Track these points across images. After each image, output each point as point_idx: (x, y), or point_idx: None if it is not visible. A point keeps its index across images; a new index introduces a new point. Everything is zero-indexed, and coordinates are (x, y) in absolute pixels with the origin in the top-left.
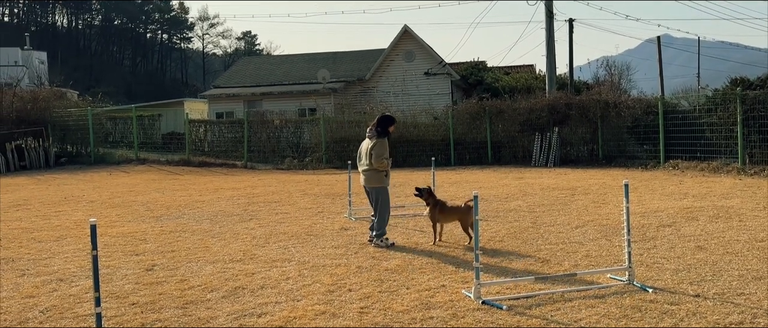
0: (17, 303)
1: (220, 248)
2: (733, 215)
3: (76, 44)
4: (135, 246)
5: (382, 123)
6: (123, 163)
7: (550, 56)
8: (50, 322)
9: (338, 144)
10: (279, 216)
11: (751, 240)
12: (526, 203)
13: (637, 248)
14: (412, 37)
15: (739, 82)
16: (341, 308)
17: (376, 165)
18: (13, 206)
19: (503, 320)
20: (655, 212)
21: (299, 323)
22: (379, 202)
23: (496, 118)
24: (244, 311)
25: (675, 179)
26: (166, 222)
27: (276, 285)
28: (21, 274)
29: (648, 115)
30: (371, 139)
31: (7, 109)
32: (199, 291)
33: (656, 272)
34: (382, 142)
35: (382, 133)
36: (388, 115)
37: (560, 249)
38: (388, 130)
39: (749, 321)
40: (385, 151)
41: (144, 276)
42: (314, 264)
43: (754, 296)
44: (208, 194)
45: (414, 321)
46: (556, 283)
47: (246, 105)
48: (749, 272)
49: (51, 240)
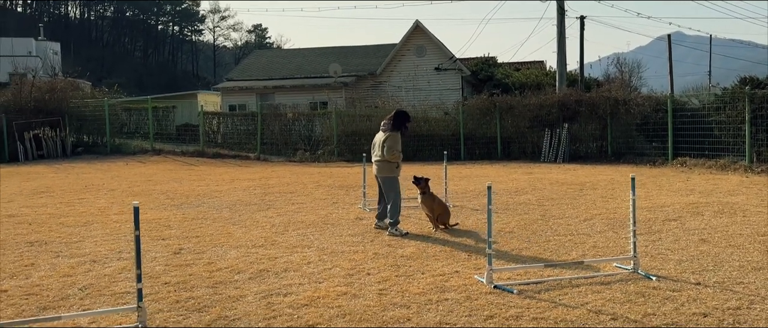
0: (56, 282)
1: (242, 235)
2: (738, 211)
3: (88, 35)
4: (160, 232)
5: (397, 118)
6: (138, 153)
7: (560, 53)
8: (90, 299)
9: (349, 137)
10: (295, 206)
11: (754, 234)
12: (536, 196)
13: (643, 240)
14: (424, 32)
15: (748, 81)
16: (361, 289)
17: (389, 157)
18: (36, 193)
19: (514, 302)
20: (661, 207)
21: (323, 302)
22: (391, 190)
23: (506, 113)
24: (271, 291)
25: (682, 176)
26: (187, 210)
27: (298, 268)
28: (55, 255)
29: (657, 113)
30: (385, 132)
31: (26, 99)
32: (227, 273)
33: (660, 262)
34: (395, 136)
35: (396, 127)
36: (404, 111)
37: (569, 240)
38: (404, 125)
39: (746, 307)
40: (397, 144)
41: (173, 259)
42: (333, 250)
43: (753, 284)
44: (225, 184)
45: (430, 302)
46: (564, 270)
47: (259, 98)
48: (749, 264)
49: (78, 225)
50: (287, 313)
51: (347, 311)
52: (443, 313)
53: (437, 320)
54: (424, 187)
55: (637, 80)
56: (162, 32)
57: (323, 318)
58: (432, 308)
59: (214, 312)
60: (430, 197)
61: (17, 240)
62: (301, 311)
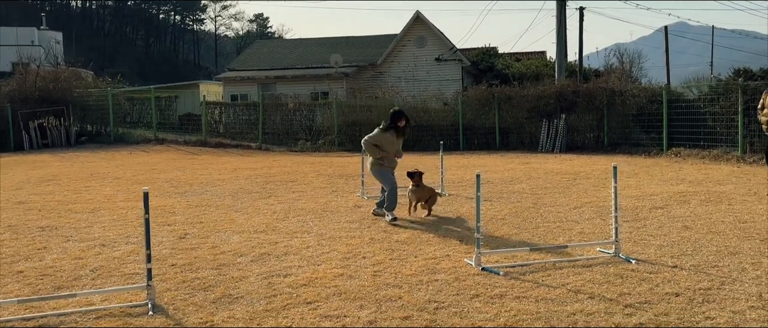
0: (68, 264)
1: (244, 221)
2: (724, 200)
3: (89, 24)
4: (165, 218)
5: (390, 117)
6: (142, 142)
7: (559, 43)
8: (101, 279)
9: (350, 127)
10: (296, 194)
11: (735, 221)
12: (530, 186)
13: (628, 227)
14: (424, 22)
15: (742, 72)
16: (357, 271)
17: (364, 148)
18: (43, 181)
19: (499, 283)
20: (650, 196)
21: (320, 282)
22: (382, 181)
23: (505, 104)
24: (272, 272)
25: (675, 166)
26: (191, 198)
27: (298, 252)
28: (66, 240)
29: (652, 104)
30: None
31: (30, 89)
32: (230, 256)
33: (642, 247)
34: (379, 132)
35: (389, 125)
36: (397, 111)
37: (557, 227)
38: (395, 124)
39: (717, 287)
40: (373, 138)
41: (178, 243)
42: (331, 236)
43: (726, 267)
44: (227, 173)
45: (421, 283)
46: (549, 254)
47: (260, 88)
48: (727, 248)
49: (86, 212)
50: (286, 292)
51: (343, 290)
52: (433, 292)
53: (427, 298)
54: (417, 180)
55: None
56: (163, 22)
57: (320, 297)
58: (422, 287)
59: (218, 291)
60: (422, 188)
61: (29, 226)
62: (299, 290)
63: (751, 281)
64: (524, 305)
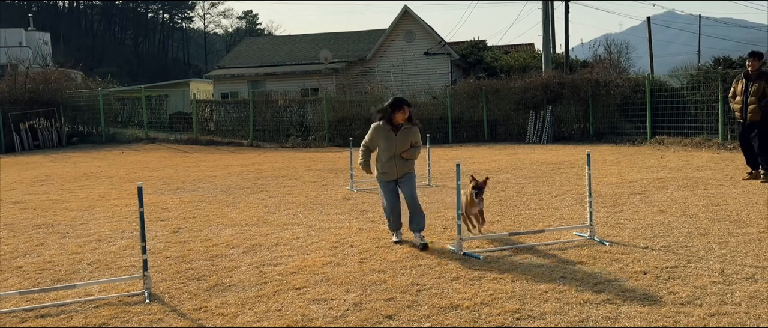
0: (66, 258)
1: (236, 215)
2: (700, 185)
3: (77, 24)
4: (159, 214)
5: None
6: (133, 142)
7: (546, 35)
8: (99, 272)
9: (340, 123)
10: (286, 188)
11: (709, 205)
12: (515, 176)
13: (605, 212)
14: (412, 17)
15: (721, 61)
16: (344, 259)
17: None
18: (37, 182)
19: (479, 265)
20: (630, 183)
21: (309, 270)
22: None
23: (493, 97)
24: (263, 262)
25: (658, 154)
26: (184, 194)
27: (288, 243)
28: (62, 236)
29: (636, 94)
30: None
31: (21, 90)
32: (222, 248)
33: (616, 231)
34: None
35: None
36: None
37: (538, 214)
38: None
39: (683, 265)
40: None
41: (172, 237)
42: (320, 227)
43: (694, 247)
44: (219, 170)
45: (405, 268)
46: (528, 238)
47: (250, 85)
48: (697, 230)
49: (81, 210)
50: (277, 279)
51: (330, 276)
52: (416, 276)
53: (410, 281)
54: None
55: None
56: (152, 20)
57: (309, 283)
58: (406, 272)
59: (211, 280)
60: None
61: (25, 224)
62: (289, 277)
63: (716, 259)
64: (501, 285)
